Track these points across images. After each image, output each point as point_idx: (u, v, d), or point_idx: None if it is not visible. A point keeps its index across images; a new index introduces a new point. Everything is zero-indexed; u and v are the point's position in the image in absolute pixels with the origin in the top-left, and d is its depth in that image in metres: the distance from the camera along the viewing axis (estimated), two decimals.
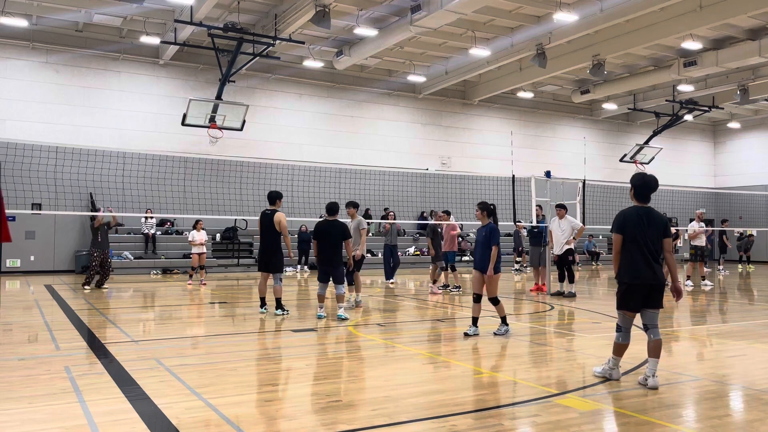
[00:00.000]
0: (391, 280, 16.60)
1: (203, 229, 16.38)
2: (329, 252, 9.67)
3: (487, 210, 8.27)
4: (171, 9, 18.51)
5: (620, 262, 5.56)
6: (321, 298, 9.80)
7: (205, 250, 16.34)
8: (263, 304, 10.38)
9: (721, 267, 22.95)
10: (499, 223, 8.46)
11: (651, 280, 5.46)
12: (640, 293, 5.50)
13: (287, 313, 10.12)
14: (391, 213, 16.72)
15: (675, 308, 11.34)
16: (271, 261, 10.14)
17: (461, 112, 27.52)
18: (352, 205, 11.88)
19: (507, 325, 8.18)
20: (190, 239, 16.22)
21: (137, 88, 21.69)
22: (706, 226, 16.78)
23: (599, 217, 19.96)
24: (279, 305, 10.14)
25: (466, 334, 7.99)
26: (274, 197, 10.29)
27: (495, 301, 8.11)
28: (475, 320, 8.10)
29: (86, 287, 14.12)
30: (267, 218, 10.12)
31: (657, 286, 5.51)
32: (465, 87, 27.23)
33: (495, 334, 8.05)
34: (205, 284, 16.06)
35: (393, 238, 16.76)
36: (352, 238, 10.56)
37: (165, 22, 19.65)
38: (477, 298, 8.13)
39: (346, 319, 9.56)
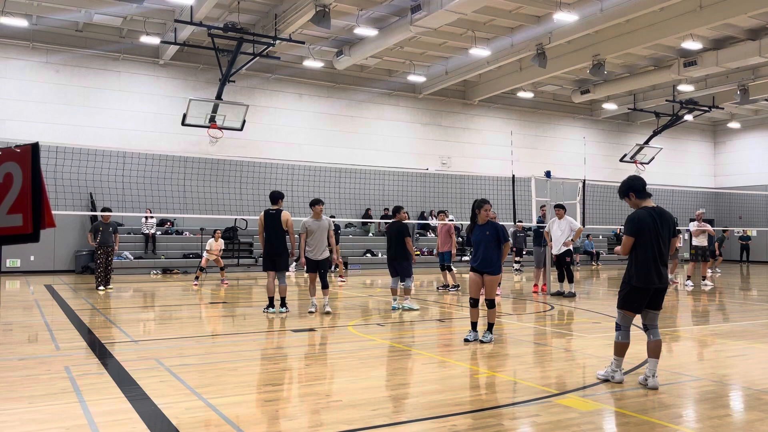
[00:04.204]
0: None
1: (221, 238, 16.43)
2: (393, 250, 10.74)
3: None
4: (171, 9, 18.51)
5: (630, 262, 5.54)
6: (394, 291, 10.89)
7: (217, 256, 16.29)
8: (272, 304, 10.32)
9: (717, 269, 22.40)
10: (499, 222, 8.30)
11: (658, 285, 5.46)
12: (645, 296, 5.50)
13: (288, 311, 10.28)
14: (405, 213, 16.49)
15: (675, 308, 11.35)
16: (278, 261, 10.20)
17: (461, 112, 27.52)
18: (319, 202, 10.56)
19: (492, 333, 7.71)
20: (207, 248, 16.16)
21: (137, 88, 21.69)
22: (711, 226, 16.79)
23: (599, 217, 19.98)
24: (283, 303, 10.32)
25: (466, 340, 7.60)
26: (277, 197, 10.31)
27: (492, 303, 7.62)
28: (474, 325, 7.75)
29: (100, 289, 13.98)
30: (273, 218, 10.12)
31: (662, 289, 5.51)
32: (465, 87, 27.23)
33: (482, 341, 7.55)
34: (227, 284, 16.03)
35: None
36: (410, 236, 11.00)
37: (165, 22, 19.65)
38: (475, 303, 7.70)
39: (414, 309, 10.62)
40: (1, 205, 4.05)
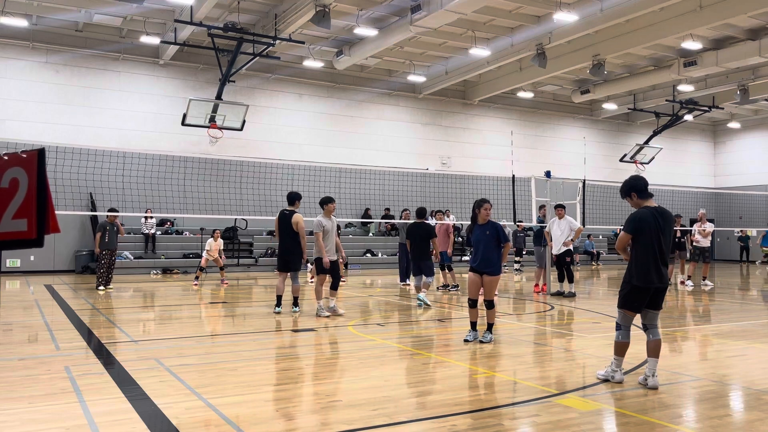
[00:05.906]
0: (406, 282, 15.58)
1: (221, 238, 16.46)
2: (419, 249, 11.22)
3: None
4: (171, 9, 18.50)
5: (630, 261, 5.54)
6: (418, 289, 11.35)
7: (216, 256, 16.28)
8: (279, 303, 10.34)
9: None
10: (499, 222, 8.26)
11: (658, 284, 5.46)
12: (646, 296, 5.50)
13: (299, 311, 10.32)
14: (407, 212, 16.47)
15: (675, 308, 11.34)
16: (290, 261, 10.22)
17: (461, 112, 27.52)
18: (331, 200, 10.26)
19: (491, 333, 7.69)
20: (207, 248, 16.17)
21: (137, 88, 21.68)
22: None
23: (599, 217, 19.97)
24: (296, 302, 10.37)
25: (465, 340, 7.59)
26: (294, 198, 10.31)
27: (491, 304, 7.59)
28: (473, 325, 7.75)
29: (100, 289, 13.93)
30: (286, 219, 10.17)
31: (662, 288, 5.51)
32: (465, 87, 27.22)
33: (481, 341, 7.55)
34: (226, 284, 16.04)
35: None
36: (437, 237, 11.54)
37: (165, 22, 19.64)
38: (473, 304, 7.70)
39: (428, 305, 10.96)
40: (6, 210, 4.07)
